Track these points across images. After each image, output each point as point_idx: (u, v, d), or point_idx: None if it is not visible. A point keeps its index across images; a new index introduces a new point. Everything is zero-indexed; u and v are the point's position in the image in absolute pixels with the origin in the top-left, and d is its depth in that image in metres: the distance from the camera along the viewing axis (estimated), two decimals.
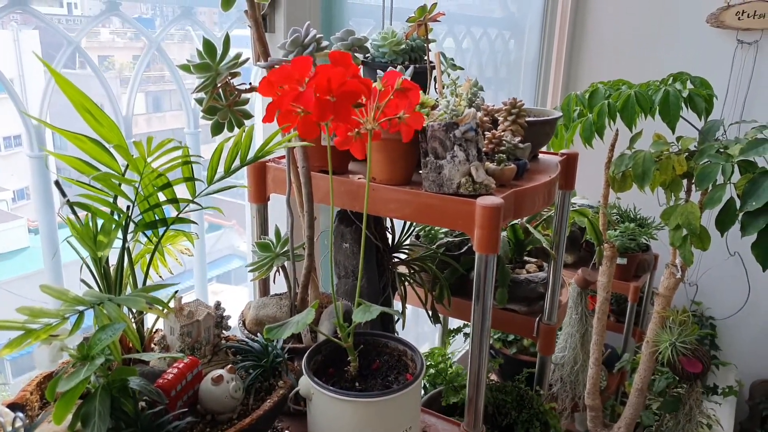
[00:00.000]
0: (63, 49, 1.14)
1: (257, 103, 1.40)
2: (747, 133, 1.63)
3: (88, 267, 0.80)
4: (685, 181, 1.68)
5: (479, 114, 0.95)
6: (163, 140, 0.75)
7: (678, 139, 1.69)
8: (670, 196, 1.69)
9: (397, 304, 1.31)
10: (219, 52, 0.92)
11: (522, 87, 2.57)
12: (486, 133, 1.02)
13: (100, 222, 0.78)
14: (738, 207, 1.51)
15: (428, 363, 1.67)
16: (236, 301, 1.81)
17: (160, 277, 1.01)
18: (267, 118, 0.74)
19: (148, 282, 0.92)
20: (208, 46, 0.90)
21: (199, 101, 0.95)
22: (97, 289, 0.81)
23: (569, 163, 1.17)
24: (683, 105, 1.62)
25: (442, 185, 0.91)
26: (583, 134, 1.70)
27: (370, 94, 0.76)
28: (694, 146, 1.65)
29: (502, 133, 1.03)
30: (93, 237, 0.76)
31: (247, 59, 0.94)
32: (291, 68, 0.72)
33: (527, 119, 1.07)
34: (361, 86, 0.73)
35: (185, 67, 0.91)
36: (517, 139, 1.01)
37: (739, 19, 2.35)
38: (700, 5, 2.41)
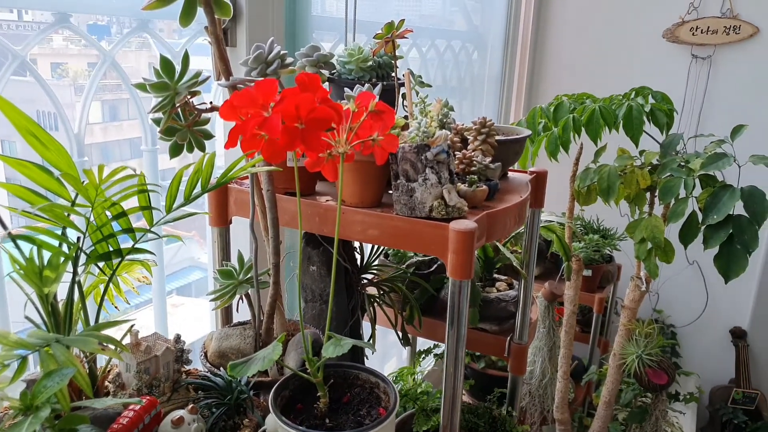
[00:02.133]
0: (8, 62, 1.07)
1: (218, 122, 1.35)
2: (706, 147, 1.66)
3: (34, 304, 0.74)
4: (648, 194, 1.70)
5: (449, 134, 0.92)
6: (116, 168, 0.70)
7: (641, 153, 1.71)
8: (634, 209, 1.70)
9: (365, 326, 1.27)
10: (177, 69, 0.87)
11: (486, 98, 2.58)
12: (456, 153, 1.00)
13: (47, 255, 0.72)
14: (700, 220, 1.53)
15: (398, 385, 1.64)
16: (197, 314, 1.74)
17: (116, 307, 0.95)
18: (229, 144, 0.70)
19: (102, 314, 0.86)
20: (166, 63, 0.85)
21: (157, 121, 0.89)
22: (43, 327, 0.75)
23: (539, 182, 1.16)
24: (645, 119, 1.64)
25: (413, 209, 0.88)
26: (549, 148, 1.71)
27: (341, 120, 0.73)
28: (657, 160, 1.67)
29: (473, 153, 1.00)
30: (38, 272, 0.70)
31: (208, 77, 0.90)
32: (255, 92, 0.68)
33: (497, 138, 1.05)
34: (331, 112, 0.69)
35: (141, 86, 0.86)
36: (488, 159, 0.99)
37: (693, 34, 2.40)
38: (656, 21, 2.46)
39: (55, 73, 1.36)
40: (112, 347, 0.70)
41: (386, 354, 2.32)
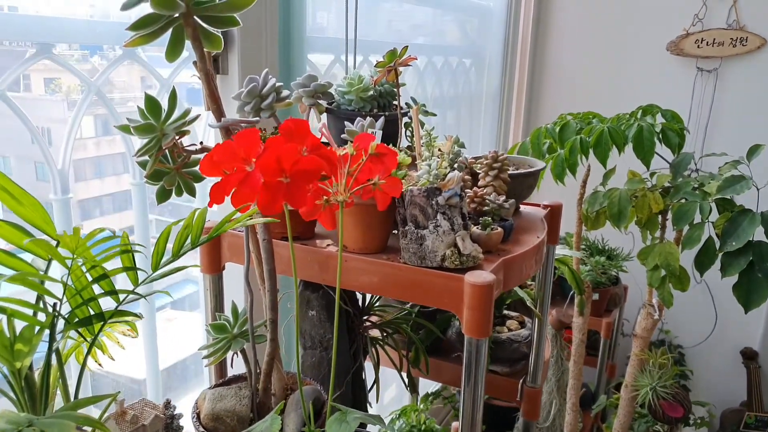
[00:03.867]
0: None
1: None
2: (720, 168, 1.59)
3: (6, 378, 0.66)
4: (659, 217, 1.63)
5: (462, 175, 0.85)
6: (93, 230, 0.62)
7: (652, 174, 1.64)
8: (645, 234, 1.63)
9: (367, 365, 1.19)
10: (164, 109, 0.80)
11: (484, 115, 2.51)
12: (467, 190, 0.93)
13: (19, 324, 0.65)
14: (717, 247, 1.46)
15: (401, 421, 1.56)
16: (191, 327, 1.67)
17: (99, 365, 0.87)
18: (213, 202, 0.63)
19: (85, 373, 0.78)
20: (152, 103, 0.78)
21: (143, 165, 0.82)
22: (17, 403, 0.67)
23: (553, 216, 1.09)
24: (656, 140, 1.57)
25: (424, 258, 0.80)
26: (555, 171, 1.64)
27: (333, 169, 0.66)
28: (669, 182, 1.61)
29: (484, 191, 0.93)
30: (9, 346, 0.63)
31: (197, 116, 0.82)
32: (236, 144, 0.61)
33: (509, 173, 0.98)
34: (320, 162, 0.62)
35: (125, 128, 0.78)
36: (502, 198, 0.92)
37: (698, 47, 2.35)
38: (660, 33, 2.41)
39: (48, 89, 1.30)
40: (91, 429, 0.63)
41: (385, 382, 2.24)
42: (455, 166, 0.89)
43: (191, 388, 1.66)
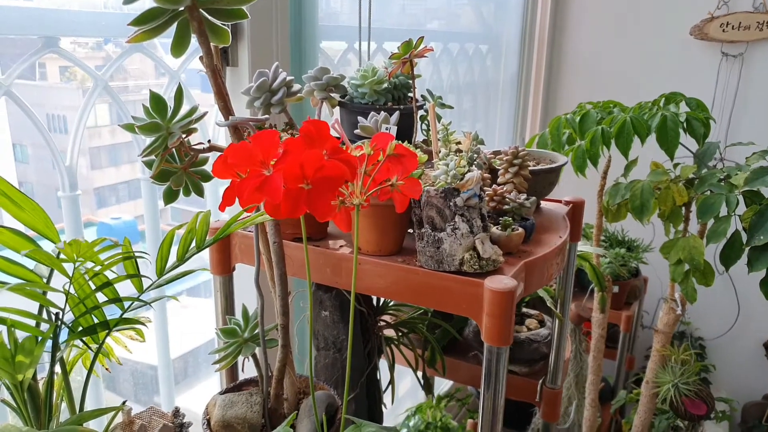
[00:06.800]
0: None
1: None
2: (747, 159, 1.54)
3: (8, 389, 0.64)
4: (683, 209, 1.58)
5: (481, 174, 0.81)
6: (96, 239, 0.59)
7: (675, 165, 1.58)
8: (669, 228, 1.58)
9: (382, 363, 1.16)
10: (170, 107, 0.76)
11: (501, 104, 2.45)
12: (486, 188, 0.89)
13: (21, 334, 0.62)
14: (744, 241, 1.41)
15: (417, 417, 1.54)
16: (206, 314, 1.66)
17: (107, 369, 0.85)
18: (224, 205, 0.59)
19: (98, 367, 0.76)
20: (157, 100, 0.75)
21: (149, 164, 0.79)
22: (21, 415, 0.65)
23: (575, 213, 1.05)
24: (681, 130, 1.52)
25: (441, 262, 0.77)
26: (575, 162, 1.59)
27: (355, 175, 0.62)
28: (694, 174, 1.55)
29: (504, 188, 0.89)
30: (11, 358, 0.60)
31: (205, 113, 0.79)
32: (253, 146, 0.57)
33: (530, 169, 0.94)
34: (343, 168, 0.58)
35: (129, 127, 0.75)
36: (523, 196, 0.88)
37: (723, 31, 2.27)
38: (683, 17, 2.32)
39: (63, 77, 1.30)
40: None
41: (400, 373, 2.21)
42: (474, 164, 0.85)
43: (205, 376, 1.65)
